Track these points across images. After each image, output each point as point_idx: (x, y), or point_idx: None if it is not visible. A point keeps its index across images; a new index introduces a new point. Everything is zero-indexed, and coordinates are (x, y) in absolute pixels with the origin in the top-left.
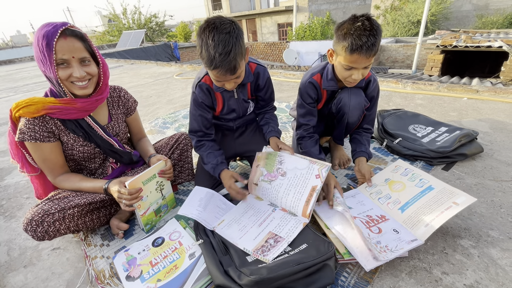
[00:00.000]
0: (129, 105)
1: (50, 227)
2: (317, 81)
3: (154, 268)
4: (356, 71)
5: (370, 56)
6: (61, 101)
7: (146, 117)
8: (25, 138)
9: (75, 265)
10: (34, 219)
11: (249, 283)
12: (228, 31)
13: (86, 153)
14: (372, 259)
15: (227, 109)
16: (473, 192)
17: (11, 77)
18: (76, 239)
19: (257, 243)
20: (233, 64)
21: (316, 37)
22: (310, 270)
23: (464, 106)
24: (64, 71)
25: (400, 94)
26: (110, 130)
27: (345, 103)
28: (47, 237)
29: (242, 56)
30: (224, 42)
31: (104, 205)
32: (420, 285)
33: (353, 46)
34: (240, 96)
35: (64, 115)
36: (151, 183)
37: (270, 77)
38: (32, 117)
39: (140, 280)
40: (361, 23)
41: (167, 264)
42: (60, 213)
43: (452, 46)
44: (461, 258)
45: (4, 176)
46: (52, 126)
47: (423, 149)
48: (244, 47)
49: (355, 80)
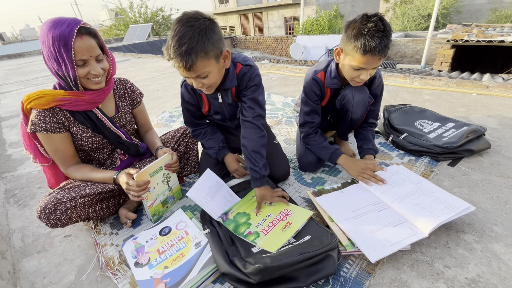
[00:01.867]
0: (135, 97)
1: (63, 214)
2: (321, 79)
3: (161, 255)
4: (365, 71)
5: (381, 57)
6: (70, 93)
7: (153, 110)
8: (36, 129)
9: (86, 252)
10: (47, 207)
11: (253, 271)
12: (192, 25)
13: (95, 144)
14: (376, 250)
15: (213, 111)
16: (479, 188)
17: (21, 70)
18: (86, 228)
19: None
20: (187, 59)
21: (323, 31)
22: (313, 260)
23: (473, 101)
24: (83, 70)
25: (407, 89)
26: (117, 122)
27: (349, 99)
28: (59, 224)
29: (206, 56)
30: (182, 34)
31: (113, 195)
32: (421, 278)
33: (366, 47)
34: (225, 100)
35: (74, 106)
36: (157, 175)
37: (258, 77)
38: (43, 108)
39: (148, 267)
40: (375, 24)
41: (174, 252)
42: (71, 201)
43: (463, 40)
44: (463, 252)
45: (16, 166)
46: (62, 117)
47: (429, 145)
48: (215, 48)
49: (362, 80)
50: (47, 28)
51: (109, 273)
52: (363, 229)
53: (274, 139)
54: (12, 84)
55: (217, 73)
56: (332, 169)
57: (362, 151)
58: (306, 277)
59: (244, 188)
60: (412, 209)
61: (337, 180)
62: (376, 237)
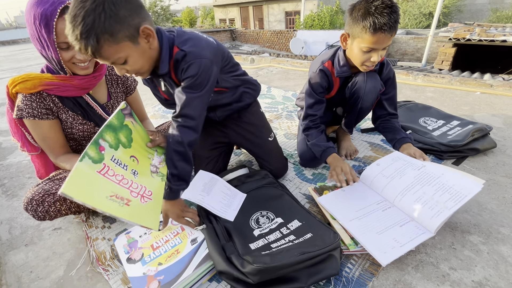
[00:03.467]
0: (128, 84)
1: (51, 207)
2: (328, 68)
3: (155, 251)
4: (375, 53)
5: (392, 35)
6: (58, 78)
7: (150, 101)
8: (23, 115)
9: (76, 246)
10: (35, 198)
11: (252, 272)
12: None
13: (86, 132)
14: (387, 253)
15: (172, 100)
16: (484, 188)
17: (15, 57)
18: (77, 220)
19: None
20: (85, 44)
21: (324, 27)
22: (315, 260)
23: (477, 100)
24: (67, 53)
25: (410, 86)
26: (109, 109)
27: (360, 86)
28: (48, 217)
29: (113, 38)
30: (75, 12)
31: None
32: (426, 280)
33: (376, 24)
34: (169, 88)
35: (62, 92)
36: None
37: (198, 66)
38: (29, 93)
39: (141, 263)
40: (381, 1)
41: (169, 248)
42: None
43: (466, 39)
44: (469, 254)
45: (6, 155)
46: (50, 103)
47: (433, 142)
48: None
49: (373, 63)
50: (31, 5)
51: (100, 269)
52: (370, 230)
53: (269, 136)
54: (5, 71)
55: (140, 56)
56: None
57: (397, 142)
58: (307, 278)
59: (243, 182)
60: (414, 207)
61: None
62: (384, 238)
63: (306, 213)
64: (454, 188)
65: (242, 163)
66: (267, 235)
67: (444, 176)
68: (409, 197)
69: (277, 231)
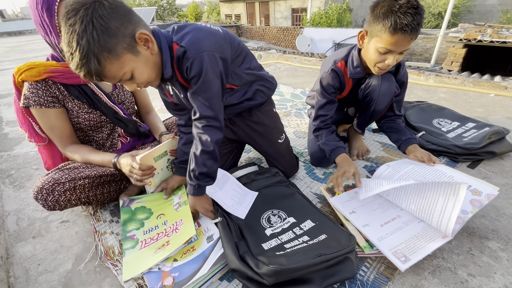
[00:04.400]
0: None
1: (61, 196)
2: (341, 69)
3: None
4: (391, 55)
5: (413, 38)
6: (62, 65)
7: (156, 95)
8: (29, 103)
9: (84, 240)
10: (45, 187)
11: (268, 273)
12: (73, 22)
13: (92, 121)
14: (405, 259)
15: (179, 102)
16: (502, 192)
17: (21, 48)
18: (85, 214)
19: None
20: (88, 69)
21: (331, 24)
22: (330, 262)
23: (491, 102)
24: None
25: (422, 86)
26: (115, 98)
27: (374, 88)
28: (57, 206)
29: (112, 54)
30: (68, 39)
31: (115, 180)
32: (444, 286)
33: (398, 25)
34: (177, 92)
35: (67, 79)
36: (162, 160)
37: (201, 62)
38: (35, 80)
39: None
40: (407, 0)
41: (185, 245)
42: (70, 183)
43: (477, 40)
44: (488, 260)
45: (13, 146)
46: (55, 90)
47: (448, 145)
48: (120, 36)
49: (387, 66)
50: None
51: (108, 264)
52: (386, 234)
53: (280, 137)
54: (11, 61)
55: (145, 66)
56: None
57: (403, 143)
58: (321, 280)
59: (252, 179)
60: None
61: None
62: (400, 242)
63: (319, 213)
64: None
65: (251, 160)
66: (280, 234)
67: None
68: (422, 201)
69: (290, 231)
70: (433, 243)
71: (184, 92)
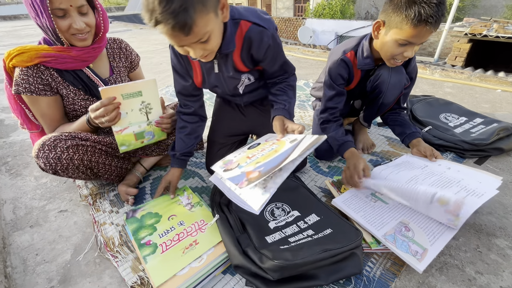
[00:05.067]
0: (132, 59)
1: (64, 153)
2: (350, 59)
3: (251, 159)
4: (410, 47)
5: (434, 30)
6: (54, 49)
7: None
8: (19, 90)
9: (83, 230)
10: (46, 143)
11: (273, 268)
12: None
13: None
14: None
15: (208, 84)
16: (509, 190)
17: (17, 33)
18: (84, 203)
19: None
20: (184, 18)
21: (334, 16)
22: (337, 257)
23: (497, 98)
24: (63, 22)
25: (427, 80)
26: (111, 84)
27: (384, 80)
28: (59, 166)
29: (205, 8)
30: None
31: (116, 155)
32: (452, 283)
33: (422, 16)
34: (224, 70)
35: (60, 64)
36: (134, 100)
37: (276, 41)
38: (26, 66)
39: (238, 168)
40: None
41: (266, 153)
42: (73, 140)
43: (482, 35)
44: (496, 258)
45: (9, 132)
46: (48, 77)
47: (456, 140)
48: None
49: (404, 59)
50: None
51: (108, 255)
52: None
53: None
54: (6, 46)
55: (219, 31)
56: None
57: (407, 137)
58: (327, 276)
59: None
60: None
61: None
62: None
63: (324, 207)
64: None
65: None
66: (284, 228)
67: (463, 177)
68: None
69: (294, 225)
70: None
71: (233, 71)
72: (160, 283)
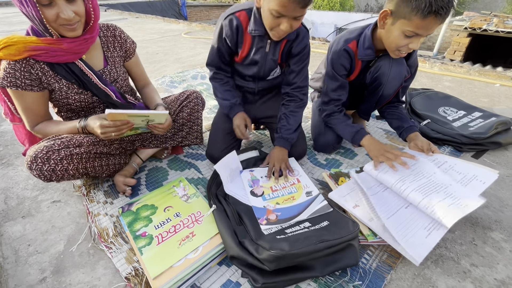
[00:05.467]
0: (127, 47)
1: (58, 165)
2: (352, 49)
3: (274, 193)
4: (417, 39)
5: (443, 22)
6: (44, 41)
7: (152, 74)
8: (3, 84)
9: (77, 221)
10: (39, 156)
11: (269, 258)
12: None
13: (83, 102)
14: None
15: (250, 60)
16: (506, 184)
17: (8, 20)
18: (77, 194)
19: None
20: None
21: (334, 8)
22: (334, 249)
23: (496, 92)
24: (50, 11)
25: (426, 74)
26: (106, 77)
27: (384, 72)
28: (54, 177)
29: None
30: None
31: (111, 153)
32: (447, 275)
33: (433, 6)
34: (271, 51)
35: (51, 57)
36: (139, 118)
37: (309, 47)
38: (14, 60)
39: (262, 199)
40: None
41: (286, 194)
42: (66, 150)
43: (482, 29)
44: (491, 251)
45: (1, 122)
46: (38, 71)
47: (454, 134)
48: None
49: (409, 50)
50: None
51: (102, 246)
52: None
53: None
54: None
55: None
56: (348, 151)
57: (404, 130)
58: (323, 267)
59: (253, 163)
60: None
61: (353, 164)
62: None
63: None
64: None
65: (251, 145)
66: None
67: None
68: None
69: None
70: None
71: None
72: (156, 274)
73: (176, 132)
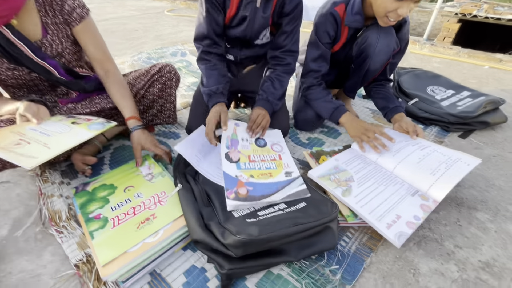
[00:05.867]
0: (66, 10)
1: None
2: (339, 13)
3: (250, 163)
4: (406, 4)
5: None
6: None
7: (129, 50)
8: None
9: (26, 203)
10: None
11: (235, 244)
12: None
13: (20, 80)
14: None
15: (238, 19)
16: (492, 163)
17: None
18: (30, 174)
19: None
20: None
21: None
22: (309, 232)
23: (484, 74)
24: None
25: (415, 55)
26: (46, 49)
27: (371, 43)
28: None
29: None
30: None
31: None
32: (430, 257)
33: None
34: (261, 7)
35: None
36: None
37: (302, 6)
38: None
39: (236, 166)
40: None
41: (263, 168)
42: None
43: (472, 15)
44: (476, 232)
45: None
46: None
47: (441, 113)
48: None
49: (398, 17)
50: None
51: (52, 230)
52: (374, 208)
53: None
54: None
55: None
56: (331, 130)
57: (389, 111)
58: (298, 251)
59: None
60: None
61: (337, 143)
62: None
63: None
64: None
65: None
66: None
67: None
68: (409, 165)
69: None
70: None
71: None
72: (107, 261)
73: (145, 110)
